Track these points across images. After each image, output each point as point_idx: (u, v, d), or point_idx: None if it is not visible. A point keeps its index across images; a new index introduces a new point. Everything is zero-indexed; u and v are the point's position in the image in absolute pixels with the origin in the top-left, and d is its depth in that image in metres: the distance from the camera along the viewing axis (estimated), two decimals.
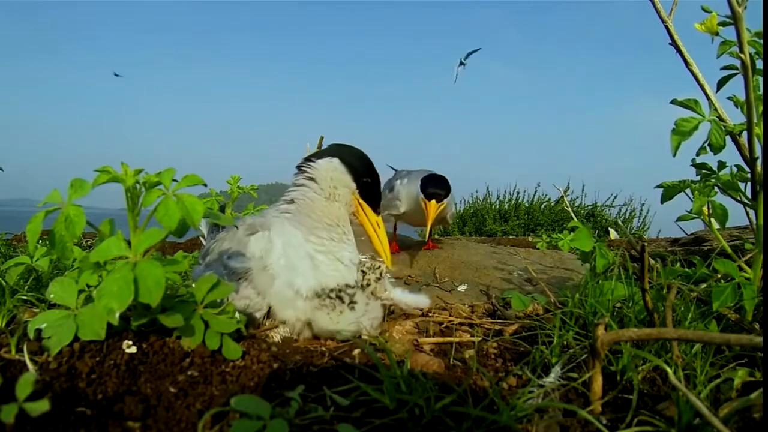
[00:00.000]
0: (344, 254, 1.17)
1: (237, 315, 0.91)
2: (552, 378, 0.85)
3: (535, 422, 0.71)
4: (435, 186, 2.14)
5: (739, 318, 1.05)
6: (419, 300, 1.32)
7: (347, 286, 1.16)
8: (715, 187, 1.12)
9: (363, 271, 1.22)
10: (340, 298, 1.14)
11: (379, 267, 1.25)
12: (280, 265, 1.11)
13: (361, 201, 1.24)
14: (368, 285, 1.21)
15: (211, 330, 0.84)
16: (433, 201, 2.11)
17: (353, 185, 1.21)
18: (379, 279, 1.23)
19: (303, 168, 1.22)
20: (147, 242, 0.77)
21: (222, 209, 1.75)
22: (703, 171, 1.15)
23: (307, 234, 1.15)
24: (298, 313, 1.12)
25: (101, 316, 0.75)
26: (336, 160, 1.20)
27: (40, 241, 1.02)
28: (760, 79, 1.00)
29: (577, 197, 6.69)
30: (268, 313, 1.12)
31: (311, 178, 1.20)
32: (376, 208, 1.26)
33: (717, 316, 1.05)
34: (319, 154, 1.23)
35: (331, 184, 1.19)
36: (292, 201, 1.21)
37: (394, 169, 2.78)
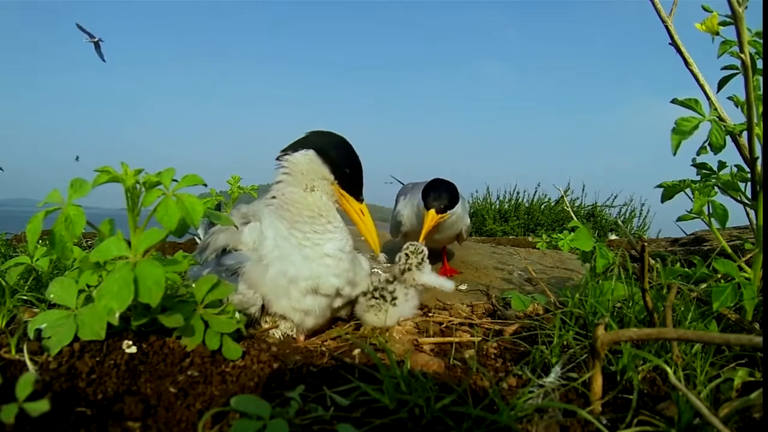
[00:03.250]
0: (328, 246, 1.16)
1: (237, 315, 0.92)
2: (552, 378, 0.85)
3: (535, 422, 0.71)
4: (436, 194, 1.78)
5: (739, 318, 1.05)
6: (445, 283, 1.36)
7: (387, 281, 1.27)
8: (715, 187, 1.12)
9: (406, 254, 1.30)
10: (383, 297, 1.24)
11: (422, 251, 1.32)
12: (274, 255, 1.11)
13: (342, 191, 1.21)
14: (409, 269, 1.29)
15: (211, 330, 0.84)
16: (432, 210, 1.76)
17: (331, 177, 1.18)
18: (420, 263, 1.30)
19: (281, 164, 1.20)
20: (147, 242, 0.77)
21: (218, 207, 1.75)
22: (703, 171, 1.15)
23: (290, 228, 1.15)
24: (292, 303, 1.11)
25: (101, 316, 0.75)
26: (311, 153, 1.17)
27: (40, 241, 1.02)
28: (761, 78, 1.00)
29: (577, 197, 6.68)
30: (263, 308, 1.12)
31: (287, 173, 1.19)
32: (358, 197, 1.24)
33: (717, 316, 1.05)
34: (296, 146, 1.20)
35: (307, 176, 1.17)
36: (273, 197, 1.21)
37: (398, 181, 2.52)
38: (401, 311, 1.27)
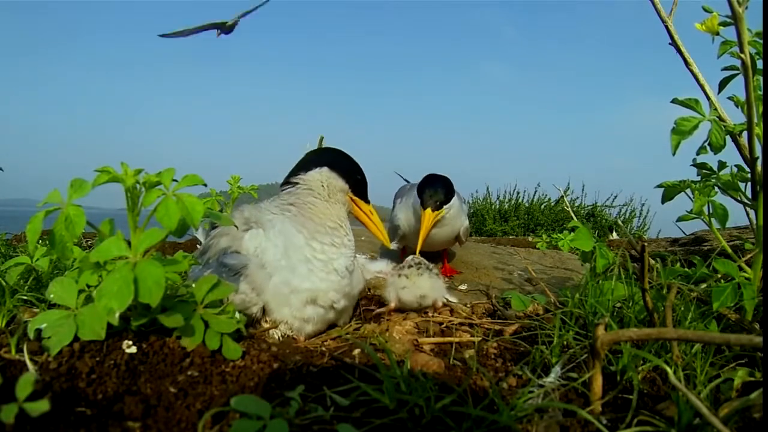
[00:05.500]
0: (340, 262, 1.18)
1: (237, 315, 0.91)
2: (552, 378, 0.85)
3: (535, 422, 0.71)
4: (432, 190, 1.73)
5: (739, 318, 1.04)
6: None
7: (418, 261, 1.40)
8: (715, 187, 1.12)
9: (406, 276, 1.39)
10: (428, 268, 1.38)
11: (421, 263, 1.43)
12: (281, 264, 1.12)
13: (354, 198, 1.27)
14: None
15: (211, 330, 0.84)
16: (428, 210, 1.72)
17: (346, 186, 1.25)
18: (420, 274, 1.39)
19: (294, 182, 1.23)
20: (147, 242, 0.77)
21: (221, 210, 1.75)
22: (703, 171, 1.15)
23: (309, 239, 1.16)
24: (293, 311, 1.13)
25: (101, 316, 0.75)
26: (325, 169, 1.22)
27: (40, 241, 1.02)
28: (761, 78, 1.00)
29: (577, 197, 6.69)
30: (264, 311, 1.13)
31: (309, 189, 1.22)
32: (366, 199, 1.31)
33: (717, 316, 1.05)
34: (305, 166, 1.24)
35: (327, 191, 1.22)
36: (292, 204, 1.22)
37: (403, 178, 2.50)
38: (442, 287, 1.41)
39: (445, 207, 1.78)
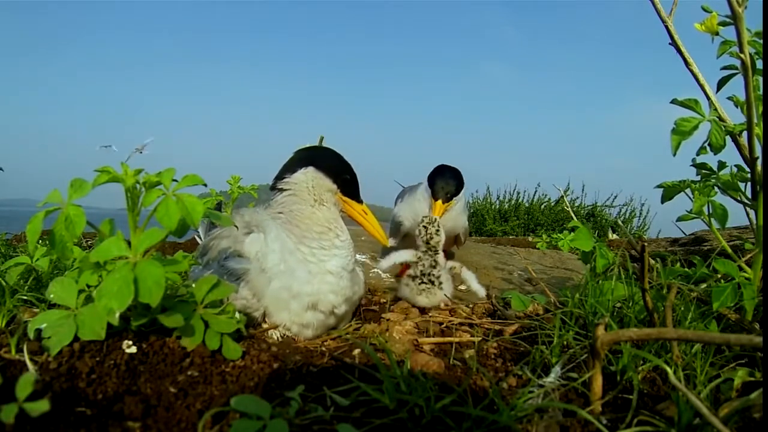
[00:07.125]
0: (332, 263, 1.17)
1: (237, 315, 0.91)
2: (552, 378, 0.85)
3: (535, 422, 0.71)
4: (443, 181, 1.69)
5: (739, 318, 1.05)
6: (480, 290, 1.52)
7: (432, 266, 1.44)
8: (715, 187, 1.12)
9: (424, 227, 1.44)
10: (431, 282, 1.42)
11: (436, 219, 1.46)
12: (280, 269, 1.12)
13: (344, 198, 1.24)
14: (431, 238, 1.43)
15: (211, 330, 0.84)
16: (439, 201, 1.68)
17: (334, 186, 1.21)
18: (438, 231, 1.44)
19: (280, 187, 1.21)
20: (147, 242, 0.77)
21: (219, 207, 1.75)
22: (703, 171, 1.15)
23: (297, 243, 1.15)
24: (292, 316, 1.13)
25: (101, 316, 0.75)
26: (311, 169, 1.19)
27: (40, 241, 1.02)
28: (760, 79, 1.00)
29: (577, 197, 6.68)
30: (265, 314, 1.13)
31: (293, 194, 1.20)
32: (358, 199, 1.28)
33: (717, 316, 1.05)
34: (291, 167, 1.21)
35: (313, 192, 1.19)
36: (280, 213, 1.21)
37: (401, 185, 2.44)
38: (445, 292, 1.45)
39: (454, 198, 1.75)
